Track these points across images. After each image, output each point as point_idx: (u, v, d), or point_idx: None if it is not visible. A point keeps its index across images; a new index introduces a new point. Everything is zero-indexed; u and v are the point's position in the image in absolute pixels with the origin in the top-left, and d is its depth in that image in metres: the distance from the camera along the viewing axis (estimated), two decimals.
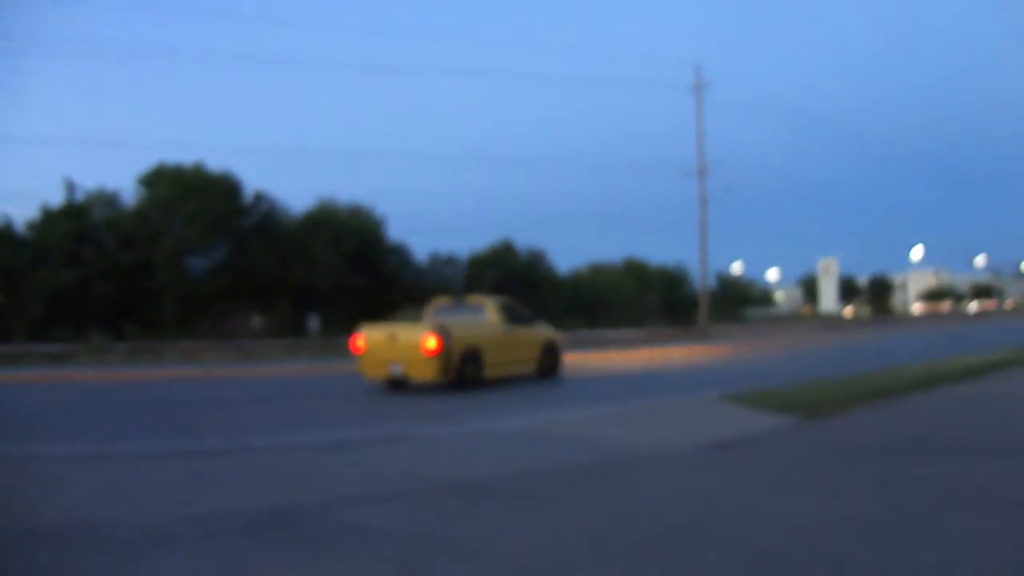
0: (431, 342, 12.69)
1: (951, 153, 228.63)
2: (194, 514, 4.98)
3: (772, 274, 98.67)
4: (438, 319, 14.30)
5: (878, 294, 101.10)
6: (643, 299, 48.55)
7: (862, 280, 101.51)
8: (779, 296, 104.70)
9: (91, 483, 6.16)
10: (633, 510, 5.00)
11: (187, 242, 33.47)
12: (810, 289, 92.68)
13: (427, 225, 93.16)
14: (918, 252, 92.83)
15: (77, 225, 33.16)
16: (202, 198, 33.65)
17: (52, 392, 15.80)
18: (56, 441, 8.49)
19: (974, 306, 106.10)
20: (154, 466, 6.82)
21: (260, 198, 36.71)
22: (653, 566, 3.91)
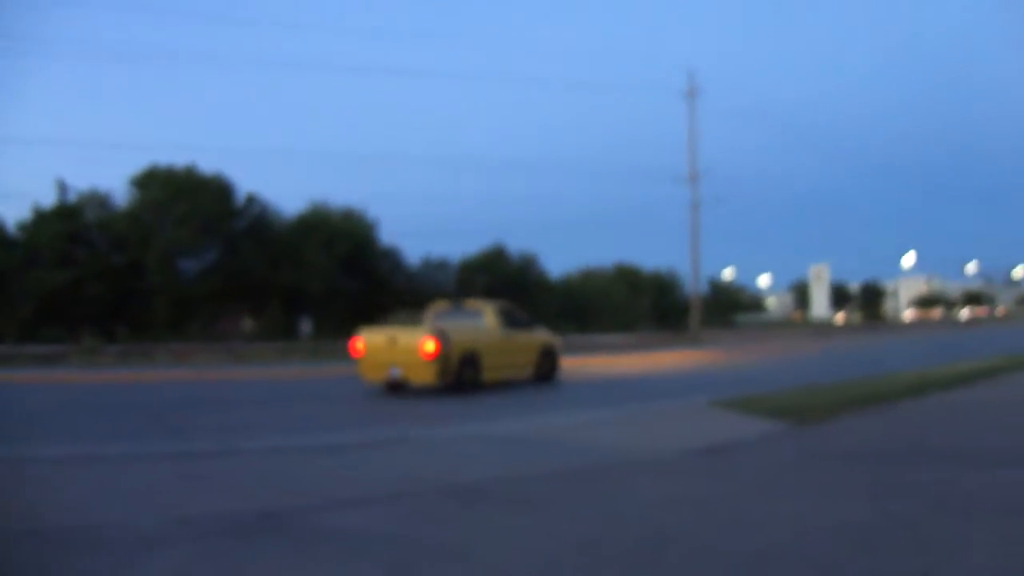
0: (430, 345, 12.83)
1: (943, 160, 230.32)
2: (186, 516, 4.98)
3: (764, 280, 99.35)
4: (437, 323, 14.39)
5: (869, 301, 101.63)
6: (634, 304, 48.60)
7: (853, 287, 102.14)
8: (771, 302, 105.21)
9: (83, 485, 6.15)
10: (625, 514, 5.03)
11: (179, 244, 33.34)
12: (801, 295, 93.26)
13: (419, 229, 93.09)
14: (910, 259, 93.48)
15: (69, 226, 32.99)
16: (194, 200, 33.50)
17: (43, 393, 15.71)
18: (48, 443, 8.44)
19: (965, 313, 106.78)
20: (146, 468, 6.81)
21: (252, 200, 36.60)
22: (644, 570, 3.94)
